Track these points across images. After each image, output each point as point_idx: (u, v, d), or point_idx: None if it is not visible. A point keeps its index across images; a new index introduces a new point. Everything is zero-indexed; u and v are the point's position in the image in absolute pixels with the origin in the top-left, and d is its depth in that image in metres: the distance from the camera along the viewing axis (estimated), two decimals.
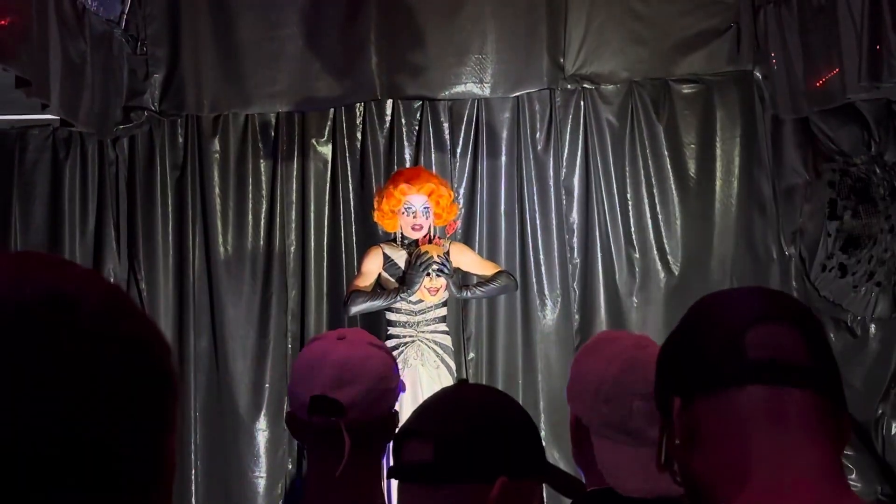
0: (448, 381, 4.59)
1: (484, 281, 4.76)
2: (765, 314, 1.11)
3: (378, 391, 1.76)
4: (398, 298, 4.54)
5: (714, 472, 1.09)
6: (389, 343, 4.58)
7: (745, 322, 1.10)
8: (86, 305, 0.68)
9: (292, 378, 1.83)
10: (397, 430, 1.46)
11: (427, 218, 4.60)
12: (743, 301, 1.15)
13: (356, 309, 4.54)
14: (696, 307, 1.20)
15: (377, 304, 4.55)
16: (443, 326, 4.73)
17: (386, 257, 4.66)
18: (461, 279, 4.77)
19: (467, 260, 4.80)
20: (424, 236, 4.65)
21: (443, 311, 4.73)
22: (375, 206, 4.68)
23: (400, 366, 4.55)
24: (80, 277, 0.70)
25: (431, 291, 4.57)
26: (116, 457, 0.66)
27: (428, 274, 4.51)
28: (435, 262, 4.50)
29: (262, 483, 5.58)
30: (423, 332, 4.65)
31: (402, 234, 4.67)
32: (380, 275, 4.67)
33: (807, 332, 1.11)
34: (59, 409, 0.64)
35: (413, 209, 4.56)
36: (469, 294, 4.75)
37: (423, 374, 4.57)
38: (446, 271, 4.54)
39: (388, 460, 1.52)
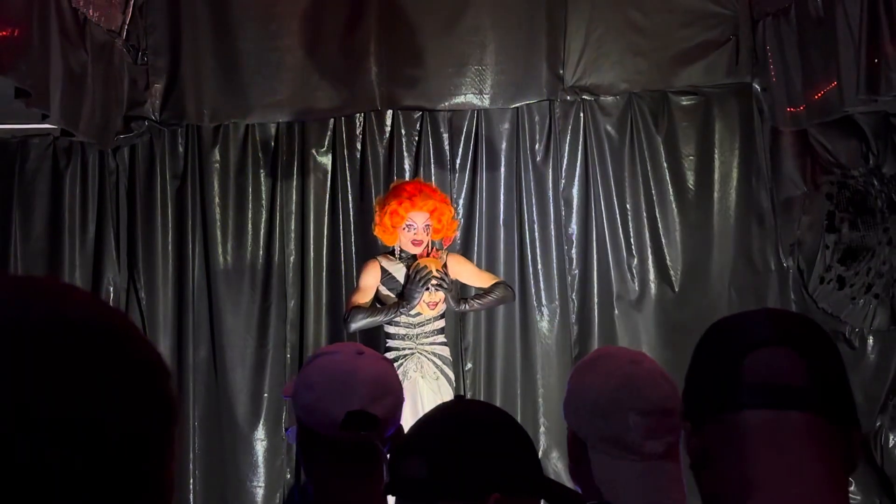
0: (448, 392, 4.59)
1: (482, 293, 4.77)
2: (765, 339, 1.13)
3: (399, 404, 1.80)
4: (398, 313, 4.55)
5: (720, 494, 1.13)
6: (388, 355, 4.58)
7: (744, 347, 1.13)
8: (87, 331, 0.68)
9: (315, 394, 1.79)
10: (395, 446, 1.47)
11: (427, 234, 4.62)
12: (745, 326, 1.18)
13: (356, 326, 4.54)
14: (705, 334, 1.22)
15: (377, 319, 4.55)
16: (441, 338, 4.73)
17: (383, 270, 4.66)
18: (459, 291, 4.77)
19: (465, 271, 4.80)
20: (423, 250, 4.65)
21: (441, 323, 4.74)
22: (376, 220, 4.67)
23: (399, 378, 4.54)
24: (81, 303, 0.71)
25: (431, 305, 4.58)
26: (116, 481, 0.67)
27: (427, 288, 4.52)
28: (434, 276, 4.51)
29: (260, 492, 5.58)
30: (422, 344, 4.65)
31: (400, 247, 4.67)
32: (377, 289, 4.67)
33: (808, 355, 1.12)
34: (60, 435, 0.65)
35: (415, 227, 4.57)
36: (467, 307, 4.75)
37: (424, 386, 4.57)
38: (445, 286, 4.55)
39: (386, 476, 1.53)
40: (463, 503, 1.35)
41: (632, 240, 5.65)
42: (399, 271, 4.64)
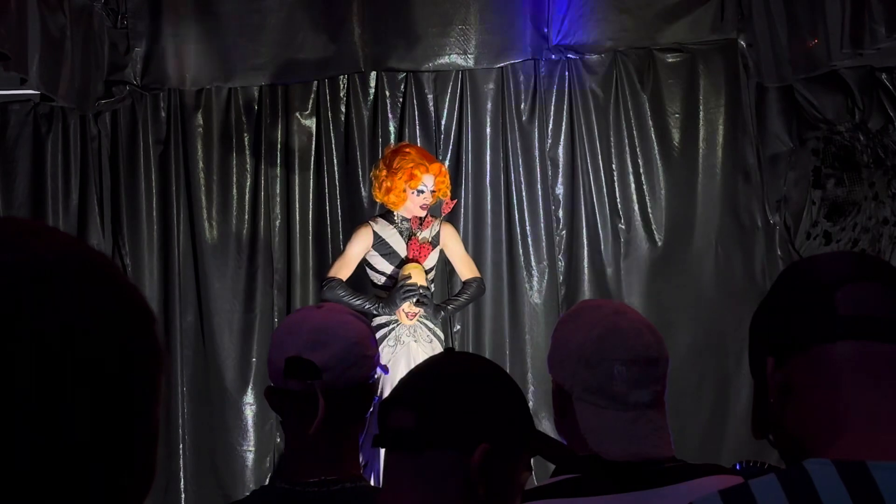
0: None
1: (456, 295, 4.78)
2: (853, 274, 1.15)
3: (354, 355, 1.77)
4: (374, 310, 4.52)
5: (807, 426, 1.13)
6: (381, 320, 4.57)
7: (834, 281, 1.15)
8: (65, 271, 0.67)
9: (270, 348, 1.83)
10: (384, 398, 1.46)
11: (433, 199, 4.62)
12: (832, 263, 1.20)
13: (331, 298, 4.51)
14: (785, 273, 1.25)
15: (352, 303, 4.50)
16: None
17: (376, 235, 4.63)
18: (435, 297, 4.70)
19: (452, 248, 4.78)
20: (414, 241, 4.61)
21: (431, 288, 4.75)
22: (385, 184, 4.56)
23: (392, 343, 4.56)
24: (60, 243, 0.69)
25: (409, 316, 4.55)
26: (96, 424, 0.65)
27: (409, 301, 4.51)
28: (418, 293, 4.49)
29: (250, 457, 5.59)
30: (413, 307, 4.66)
31: (396, 212, 4.63)
32: (369, 256, 4.65)
33: (895, 289, 1.15)
34: (37, 376, 0.63)
35: (425, 191, 4.56)
36: (444, 314, 4.73)
37: (418, 350, 4.56)
38: (426, 302, 4.53)
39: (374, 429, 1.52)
40: (451, 453, 1.34)
41: (618, 198, 5.64)
42: (392, 236, 4.63)
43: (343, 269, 4.62)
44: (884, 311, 1.13)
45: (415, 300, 4.50)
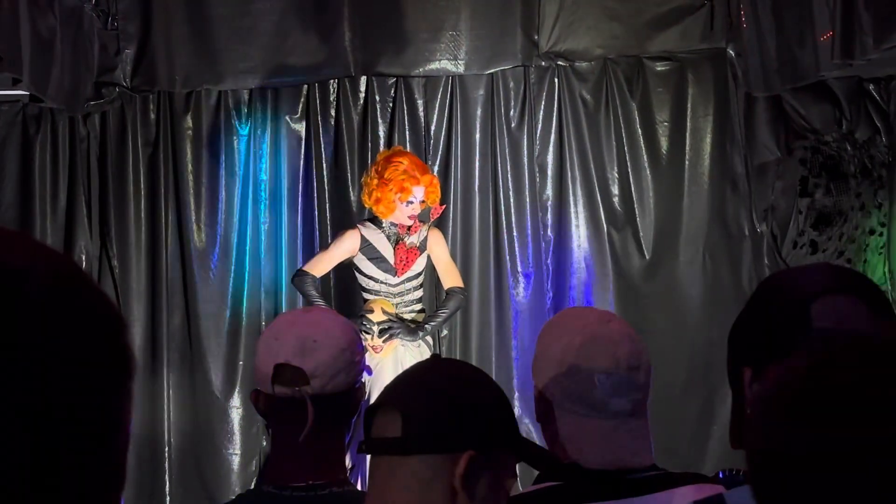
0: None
1: (436, 312, 4.75)
2: (829, 287, 1.17)
3: (342, 361, 1.77)
4: None
5: None
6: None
7: (811, 294, 1.16)
8: (34, 278, 0.66)
9: (257, 352, 1.83)
10: (370, 404, 1.46)
11: (421, 209, 4.63)
12: (808, 276, 1.22)
13: (298, 289, 4.59)
14: (763, 285, 1.27)
15: (316, 303, 4.54)
16: (420, 305, 4.75)
17: (363, 239, 4.64)
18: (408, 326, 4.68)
19: (438, 254, 4.77)
20: (401, 246, 4.62)
21: (420, 293, 4.76)
22: (376, 194, 4.56)
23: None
24: (30, 250, 0.69)
25: (376, 349, 4.55)
26: (63, 433, 0.65)
27: (370, 333, 4.52)
28: (373, 332, 4.49)
29: (236, 460, 5.58)
30: (402, 312, 4.66)
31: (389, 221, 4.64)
32: (357, 260, 4.65)
33: (870, 303, 1.16)
34: (6, 386, 0.63)
35: (415, 202, 4.56)
36: (422, 333, 4.68)
37: (406, 354, 4.57)
38: (394, 334, 4.53)
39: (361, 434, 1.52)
40: (437, 460, 1.35)
41: (606, 205, 5.65)
42: (379, 240, 4.65)
43: (319, 265, 4.65)
44: (859, 323, 1.14)
45: (382, 338, 4.50)
